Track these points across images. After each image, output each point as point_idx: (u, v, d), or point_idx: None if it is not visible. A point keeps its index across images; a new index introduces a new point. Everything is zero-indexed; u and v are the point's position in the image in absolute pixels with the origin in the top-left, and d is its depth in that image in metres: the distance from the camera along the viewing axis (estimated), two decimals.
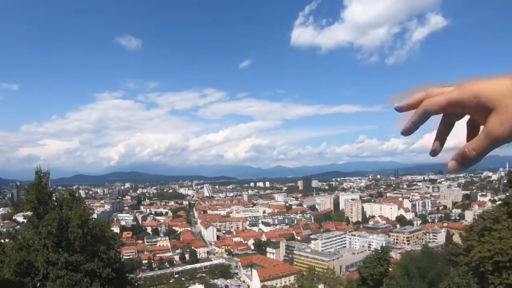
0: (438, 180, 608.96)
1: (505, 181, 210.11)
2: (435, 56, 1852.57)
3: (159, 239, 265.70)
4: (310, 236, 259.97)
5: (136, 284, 37.14)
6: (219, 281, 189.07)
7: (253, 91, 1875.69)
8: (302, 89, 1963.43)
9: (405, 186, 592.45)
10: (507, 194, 62.73)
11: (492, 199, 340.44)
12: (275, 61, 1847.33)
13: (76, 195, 33.54)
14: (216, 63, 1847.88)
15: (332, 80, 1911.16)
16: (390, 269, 54.81)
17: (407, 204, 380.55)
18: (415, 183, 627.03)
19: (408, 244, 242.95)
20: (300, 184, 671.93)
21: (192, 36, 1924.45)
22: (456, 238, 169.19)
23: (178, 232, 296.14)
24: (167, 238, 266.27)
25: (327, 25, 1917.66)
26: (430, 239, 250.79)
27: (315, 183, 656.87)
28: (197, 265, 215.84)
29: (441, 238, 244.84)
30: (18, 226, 38.27)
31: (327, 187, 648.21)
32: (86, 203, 37.94)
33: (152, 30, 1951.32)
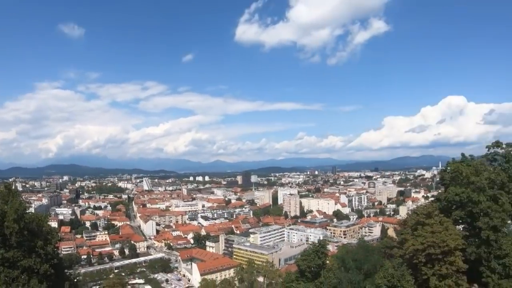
0: (374, 177, 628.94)
1: (437, 179, 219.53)
2: (375, 59, 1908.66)
3: (98, 233, 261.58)
4: (249, 230, 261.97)
5: (75, 280, 36.31)
6: (159, 275, 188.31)
7: (195, 86, 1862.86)
8: (244, 85, 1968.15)
9: (342, 182, 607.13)
10: (439, 191, 65.51)
11: (425, 195, 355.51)
12: (219, 56, 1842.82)
13: (12, 188, 32.20)
14: (159, 56, 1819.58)
15: (274, 77, 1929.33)
16: (328, 261, 55.94)
17: (343, 199, 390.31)
18: (351, 179, 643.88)
19: (344, 237, 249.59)
20: (239, 179, 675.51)
21: (136, 28, 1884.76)
22: (391, 232, 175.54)
23: (117, 226, 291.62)
24: (106, 233, 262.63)
25: (272, 24, 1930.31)
26: (366, 233, 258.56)
27: (254, 178, 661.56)
28: (137, 259, 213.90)
29: (376, 232, 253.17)
30: None
31: (266, 182, 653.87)
32: (23, 196, 36.36)
33: (96, 19, 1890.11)
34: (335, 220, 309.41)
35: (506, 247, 38.22)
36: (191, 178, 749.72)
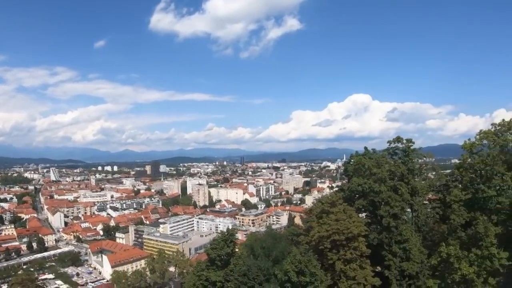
0: (281, 168, 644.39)
1: (341, 171, 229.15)
2: (287, 55, 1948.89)
3: (4, 227, 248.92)
4: (159, 220, 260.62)
5: None
6: (70, 269, 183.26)
7: (106, 73, 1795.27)
8: (156, 75, 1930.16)
9: (250, 172, 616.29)
10: (343, 181, 69.01)
11: (330, 185, 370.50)
12: (131, 44, 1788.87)
13: None
14: (70, 41, 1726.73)
15: (187, 68, 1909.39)
16: (237, 249, 57.04)
17: (252, 189, 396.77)
18: (259, 170, 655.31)
19: (253, 226, 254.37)
20: (148, 168, 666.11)
21: (47, 10, 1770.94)
22: (298, 220, 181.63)
23: (24, 219, 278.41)
24: (12, 226, 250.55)
25: (187, 14, 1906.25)
26: (273, 221, 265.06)
27: (163, 168, 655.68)
28: (46, 253, 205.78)
29: (283, 220, 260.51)
30: None
31: (175, 172, 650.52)
32: None
33: None
34: (243, 209, 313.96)
35: (406, 233, 41.21)
36: (100, 168, 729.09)
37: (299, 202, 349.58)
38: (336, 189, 60.32)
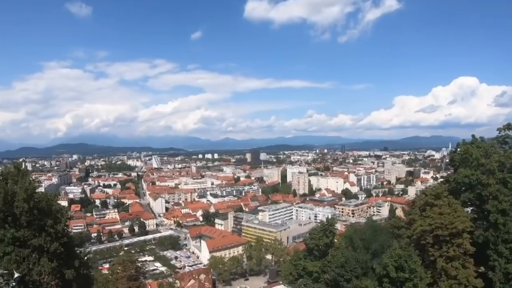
0: (383, 157, 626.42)
1: (447, 160, 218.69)
2: (386, 37, 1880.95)
3: (108, 211, 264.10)
4: (258, 208, 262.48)
5: (86, 258, 36.84)
6: (169, 253, 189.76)
7: (204, 63, 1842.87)
8: (253, 63, 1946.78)
9: (351, 161, 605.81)
10: (449, 172, 65.50)
11: (434, 176, 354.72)
12: (228, 34, 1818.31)
13: (22, 168, 32.48)
14: (167, 34, 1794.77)
15: (284, 55, 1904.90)
16: (336, 240, 56.43)
17: (352, 178, 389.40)
18: (360, 158, 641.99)
19: (353, 216, 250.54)
20: (248, 156, 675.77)
21: (143, 5, 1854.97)
22: (399, 212, 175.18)
23: (127, 204, 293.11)
24: (116, 211, 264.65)
25: (282, 0, 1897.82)
26: (374, 212, 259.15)
27: (263, 156, 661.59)
28: (147, 237, 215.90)
29: (384, 211, 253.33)
30: None
31: (275, 160, 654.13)
32: (33, 176, 36.64)
33: None
34: (343, 199, 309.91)
35: None
36: (200, 156, 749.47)
37: (401, 193, 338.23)
38: (441, 180, 57.65)
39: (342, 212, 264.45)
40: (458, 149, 47.70)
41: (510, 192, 39.48)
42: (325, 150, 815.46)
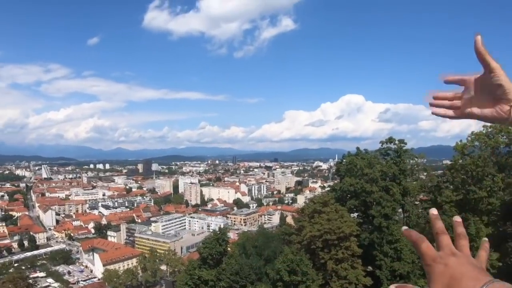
0: (274, 167, 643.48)
1: (334, 171, 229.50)
2: (281, 55, 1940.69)
3: None
4: (151, 219, 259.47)
5: None
6: (61, 268, 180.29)
7: (100, 70, 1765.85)
8: (150, 73, 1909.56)
9: (242, 171, 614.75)
10: (335, 181, 69.27)
11: (321, 185, 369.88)
12: (126, 42, 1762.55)
13: None
14: (63, 38, 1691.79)
15: (181, 66, 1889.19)
16: (229, 248, 57.18)
17: (244, 188, 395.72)
18: (252, 169, 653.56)
19: (245, 225, 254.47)
20: (140, 167, 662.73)
21: (41, 6, 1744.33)
22: (289, 220, 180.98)
23: (15, 217, 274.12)
24: (3, 224, 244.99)
25: (182, 12, 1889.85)
26: (265, 220, 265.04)
27: (155, 167, 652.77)
28: (37, 252, 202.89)
29: (275, 219, 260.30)
30: None
31: (167, 171, 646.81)
32: None
33: None
34: (235, 208, 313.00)
35: (397, 233, 41.48)
36: (92, 166, 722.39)
37: (291, 201, 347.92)
38: (328, 189, 60.80)
39: (234, 221, 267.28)
40: (344, 160, 51.08)
41: (391, 198, 42.95)
42: (217, 161, 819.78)
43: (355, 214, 47.65)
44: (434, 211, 1.66)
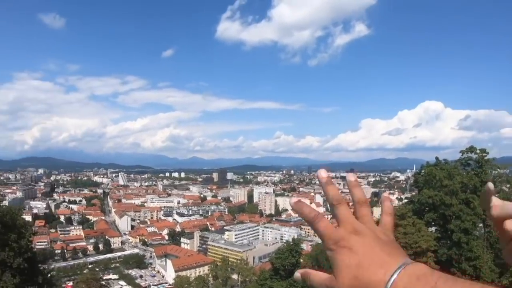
0: None
1: (411, 182, 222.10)
2: (355, 62, 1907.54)
3: (72, 228, 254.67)
4: (224, 228, 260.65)
5: (49, 274, 35.95)
6: (134, 271, 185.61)
7: (175, 81, 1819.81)
8: (225, 83, 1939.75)
9: (317, 182, 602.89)
10: (413, 193, 66.77)
11: (399, 197, 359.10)
12: (199, 53, 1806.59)
13: None
14: (139, 51, 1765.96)
15: (255, 76, 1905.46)
16: (302, 260, 56.57)
17: (319, 198, 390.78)
18: None
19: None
20: (215, 176, 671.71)
21: (117, 21, 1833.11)
22: None
23: (92, 221, 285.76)
24: (81, 227, 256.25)
25: (254, 22, 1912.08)
26: None
27: (230, 176, 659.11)
28: (111, 255, 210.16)
29: None
30: None
31: (242, 180, 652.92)
32: None
33: (78, 9, 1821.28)
34: None
35: (477, 249, 39.19)
36: (167, 174, 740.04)
37: None
38: (406, 201, 58.59)
39: (308, 232, 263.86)
40: (422, 171, 48.87)
41: (472, 212, 40.54)
42: (292, 171, 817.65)
43: (433, 228, 45.49)
44: (323, 173, 1.62)
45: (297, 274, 1.55)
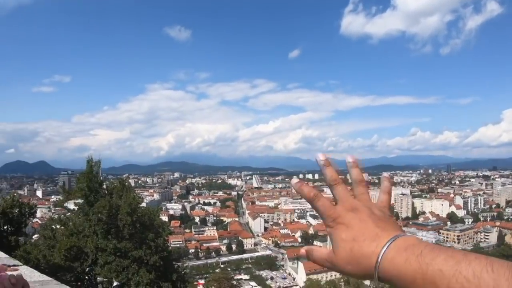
0: (492, 177, 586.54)
1: None
2: (491, 45, 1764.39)
3: (206, 228, 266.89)
4: None
5: (183, 272, 37.64)
6: (265, 273, 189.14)
7: (305, 82, 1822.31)
8: (354, 80, 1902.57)
9: (457, 182, 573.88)
10: None
11: None
12: (326, 51, 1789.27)
13: (126, 184, 34.32)
14: (266, 54, 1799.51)
15: (385, 70, 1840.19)
16: None
17: (458, 201, 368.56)
18: (467, 179, 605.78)
19: (458, 243, 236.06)
20: (349, 177, 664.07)
21: (241, 27, 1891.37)
22: (509, 239, 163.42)
23: (226, 223, 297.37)
24: (214, 228, 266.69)
25: (378, 13, 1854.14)
26: (481, 238, 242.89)
27: (365, 177, 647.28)
28: (244, 255, 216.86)
29: (492, 238, 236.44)
30: (69, 213, 39.39)
31: (377, 181, 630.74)
32: (136, 191, 38.48)
33: (201, 20, 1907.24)
34: (448, 223, 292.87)
35: None
36: (301, 176, 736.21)
37: (511, 217, 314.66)
38: None
39: (447, 237, 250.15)
40: None
41: None
42: (430, 171, 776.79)
43: None
44: (320, 156, 1.67)
45: (302, 250, 1.61)
